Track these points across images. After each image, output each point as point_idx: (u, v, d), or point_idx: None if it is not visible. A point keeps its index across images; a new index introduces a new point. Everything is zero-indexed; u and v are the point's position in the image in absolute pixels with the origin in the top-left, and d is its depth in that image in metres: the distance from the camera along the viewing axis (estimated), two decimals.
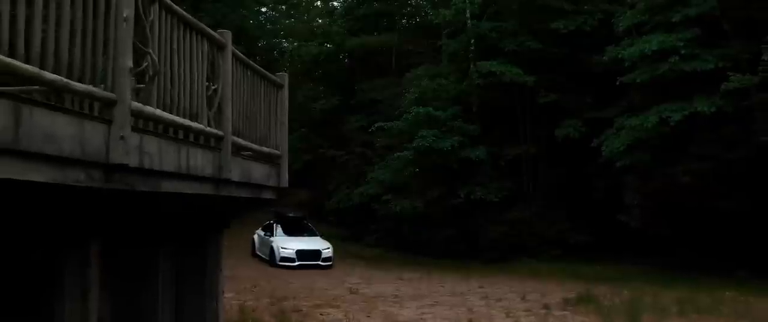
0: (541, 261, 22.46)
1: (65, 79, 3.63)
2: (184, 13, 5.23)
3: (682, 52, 17.15)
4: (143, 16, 4.50)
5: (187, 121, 5.20)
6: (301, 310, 13.68)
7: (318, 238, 22.63)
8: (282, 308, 13.61)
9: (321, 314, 13.44)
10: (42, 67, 3.43)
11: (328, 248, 21.55)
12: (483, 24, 24.25)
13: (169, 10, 4.96)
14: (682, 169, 17.96)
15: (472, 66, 24.31)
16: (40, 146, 3.42)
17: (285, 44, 47.81)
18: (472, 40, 24.48)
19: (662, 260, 19.79)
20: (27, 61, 3.33)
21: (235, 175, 6.26)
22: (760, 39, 16.17)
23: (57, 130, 3.55)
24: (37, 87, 3.63)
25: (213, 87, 5.92)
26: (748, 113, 16.78)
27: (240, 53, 6.54)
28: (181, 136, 5.28)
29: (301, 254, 20.83)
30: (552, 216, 23.82)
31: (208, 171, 5.72)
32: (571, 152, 22.87)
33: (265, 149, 7.40)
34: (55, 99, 3.98)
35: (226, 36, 6.20)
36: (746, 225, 17.68)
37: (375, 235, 27.47)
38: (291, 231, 22.33)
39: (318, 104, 32.43)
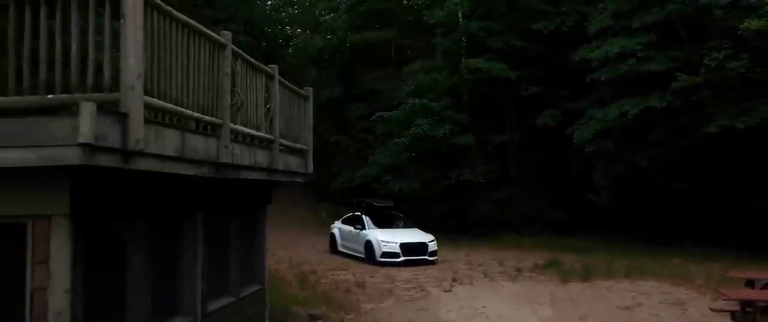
0: (523, 235, 24.67)
1: (200, 114, 6.22)
2: (254, 61, 7.81)
3: (639, 54, 19.62)
4: (232, 70, 7.09)
5: (255, 132, 7.79)
6: (316, 272, 16.37)
7: (417, 229, 20.20)
8: (300, 270, 16.30)
9: (332, 275, 16.14)
10: (192, 110, 6.02)
11: (433, 241, 19.06)
12: (473, 24, 26.34)
13: (245, 61, 7.53)
14: (641, 155, 20.49)
15: (462, 61, 26.70)
16: (192, 154, 6.00)
17: (288, 30, 50.06)
18: (464, 39, 26.70)
19: (625, 234, 22.33)
20: (186, 107, 5.91)
21: (280, 165, 8.88)
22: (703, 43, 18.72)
23: (198, 145, 6.13)
24: (192, 121, 6.18)
25: (267, 105, 8.51)
26: (696, 107, 19.30)
27: (282, 79, 9.09)
28: (250, 141, 7.88)
29: (406, 248, 18.36)
30: (533, 196, 25.90)
31: (265, 164, 8.31)
32: (550, 139, 25.12)
33: (297, 146, 9.97)
34: (196, 126, 6.51)
35: (274, 69, 8.75)
36: (694, 203, 20.22)
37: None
38: (382, 222, 20.06)
39: (322, 93, 34.77)
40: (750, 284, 10.99)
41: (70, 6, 4.97)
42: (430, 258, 18.52)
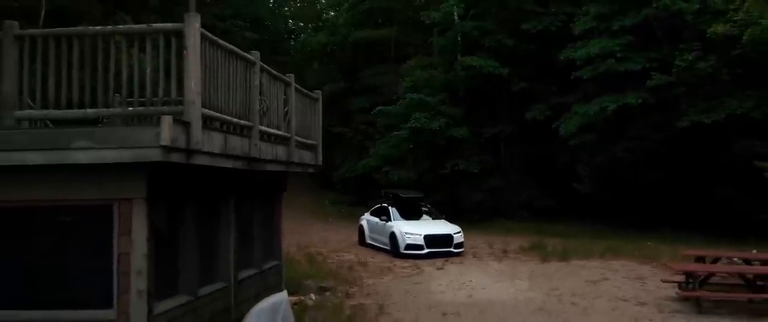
0: (513, 221, 26.09)
1: (237, 120, 7.79)
2: (275, 72, 9.36)
3: (618, 55, 21.16)
4: (260, 82, 8.65)
5: (277, 132, 9.36)
6: (322, 253, 17.96)
7: (443, 220, 19.72)
8: (308, 252, 17.89)
9: (337, 256, 17.76)
10: (231, 116, 7.59)
11: (459, 232, 18.50)
12: (467, 23, 27.78)
13: (269, 73, 9.08)
14: (620, 147, 22.06)
15: (458, 59, 28.16)
16: (231, 151, 7.57)
17: (291, 24, 51.45)
18: (459, 37, 28.18)
19: (606, 220, 23.84)
20: (227, 114, 7.47)
21: (295, 158, 10.45)
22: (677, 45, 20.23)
23: (235, 144, 7.70)
24: (232, 125, 7.74)
25: (285, 109, 10.07)
26: (669, 104, 20.85)
27: (297, 86, 10.65)
28: (272, 139, 9.44)
29: (430, 240, 17.74)
30: (522, 185, 27.37)
31: (284, 157, 9.89)
32: (538, 132, 26.55)
33: (308, 141, 11.53)
34: (234, 129, 8.06)
35: (290, 77, 10.32)
36: (667, 191, 21.83)
37: (377, 200, 31.10)
38: (408, 214, 19.52)
39: (326, 87, 36.20)
40: (700, 259, 12.57)
41: (145, 43, 6.55)
42: (455, 250, 17.81)
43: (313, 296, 11.82)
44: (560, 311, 10.75)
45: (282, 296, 9.81)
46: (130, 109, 6.62)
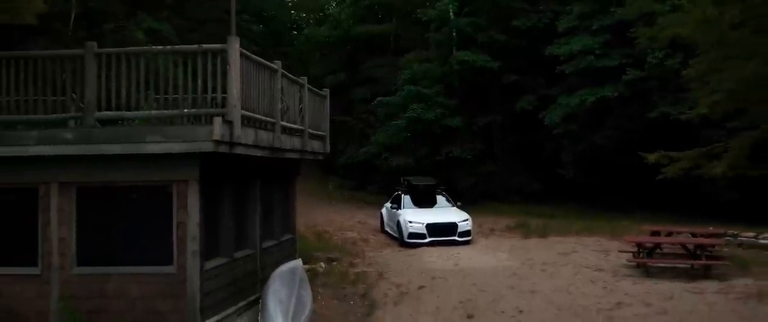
0: (504, 204, 28.08)
1: (265, 118, 9.62)
2: (292, 76, 11.18)
3: (597, 52, 22.93)
4: (281, 85, 10.47)
5: (294, 126, 11.19)
6: (328, 231, 19.83)
7: (452, 208, 19.54)
8: (315, 230, 19.75)
9: (341, 234, 19.64)
10: (260, 114, 9.41)
11: (466, 220, 18.20)
12: (461, 20, 29.40)
13: (288, 78, 10.90)
14: (599, 136, 23.87)
15: (453, 53, 29.86)
16: (260, 143, 9.41)
17: (294, 14, 52.95)
18: (453, 33, 29.95)
19: (588, 202, 25.62)
20: (257, 113, 9.29)
21: (308, 148, 12.30)
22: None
23: (263, 137, 9.54)
24: (260, 122, 9.56)
25: (300, 106, 11.90)
26: (643, 96, 22.61)
27: (311, 87, 12.46)
28: (290, 132, 11.27)
29: (433, 228, 17.56)
30: (512, 170, 29.01)
31: (299, 147, 11.73)
32: (527, 121, 28.28)
33: (318, 132, 13.37)
34: (262, 125, 9.87)
35: (303, 80, 12.14)
36: (642, 176, 23.58)
37: (376, 185, 31.78)
38: (421, 202, 19.46)
39: (328, 79, 37.94)
40: (656, 234, 14.45)
41: (197, 60, 8.37)
42: (460, 239, 17.53)
43: (322, 265, 13.70)
44: (531, 275, 12.64)
45: (298, 262, 11.72)
46: (186, 111, 8.46)
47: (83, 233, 8.57)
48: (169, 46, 8.83)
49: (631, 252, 13.44)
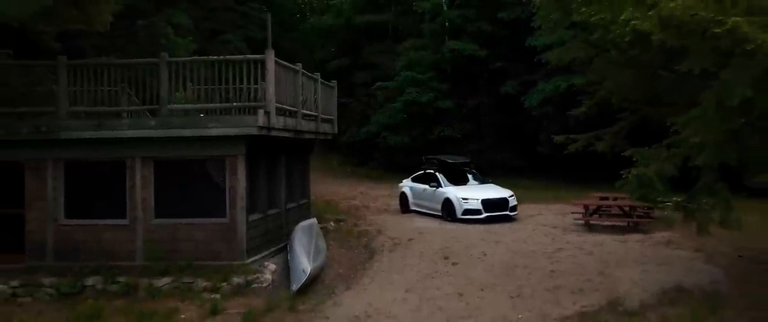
0: (490, 178, 30.99)
1: (291, 108, 12.52)
2: (309, 73, 14.06)
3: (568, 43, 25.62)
4: (301, 81, 13.35)
5: (310, 112, 14.10)
6: (335, 200, 22.77)
7: (493, 184, 19.62)
8: (324, 199, 22.67)
9: (346, 202, 22.59)
10: (287, 105, 12.30)
11: (513, 196, 18.46)
12: (452, 12, 32.12)
13: (306, 75, 13.77)
14: (571, 118, 26.65)
15: (446, 41, 32.57)
16: (287, 127, 12.32)
17: (299, 1, 55.33)
18: (446, 24, 32.67)
19: (562, 176, 28.51)
20: (285, 104, 12.18)
21: (320, 130, 15.23)
22: None
23: (289, 122, 12.45)
24: (287, 111, 12.45)
25: (315, 96, 14.79)
26: None
27: (323, 80, 15.32)
28: (307, 117, 14.16)
29: (488, 204, 17.56)
30: (498, 148, 31.40)
31: (313, 129, 14.65)
32: (511, 104, 31.05)
33: (328, 117, 16.28)
34: (288, 113, 12.75)
35: (317, 75, 15.01)
36: (608, 152, 26.49)
37: (376, 161, 34.25)
38: (456, 180, 19.20)
39: (332, 64, 40.59)
40: (604, 198, 17.40)
41: (241, 70, 11.27)
42: (512, 213, 17.81)
43: (332, 224, 16.68)
44: (499, 231, 15.61)
45: (313, 220, 14.70)
46: (236, 104, 11.38)
47: (159, 193, 11.55)
48: (222, 57, 11.71)
49: (580, 213, 16.40)
